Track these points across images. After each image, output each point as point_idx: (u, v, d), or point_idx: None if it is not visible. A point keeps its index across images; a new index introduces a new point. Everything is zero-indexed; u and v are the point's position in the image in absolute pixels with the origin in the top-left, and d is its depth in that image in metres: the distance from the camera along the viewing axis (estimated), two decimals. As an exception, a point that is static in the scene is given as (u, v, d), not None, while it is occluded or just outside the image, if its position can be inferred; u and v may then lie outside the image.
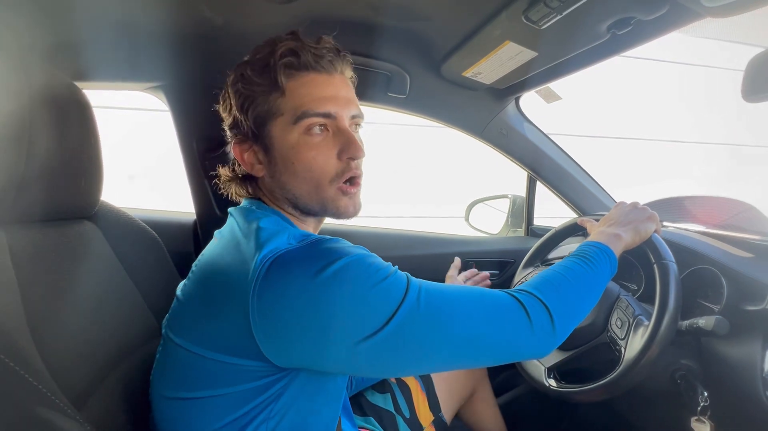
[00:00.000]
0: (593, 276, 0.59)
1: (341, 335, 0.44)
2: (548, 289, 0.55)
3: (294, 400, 0.50)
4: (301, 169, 0.53)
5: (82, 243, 0.61)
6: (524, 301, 0.52)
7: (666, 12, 0.63)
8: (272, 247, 0.46)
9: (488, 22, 0.74)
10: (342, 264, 0.44)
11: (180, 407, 0.50)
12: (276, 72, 0.51)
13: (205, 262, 0.53)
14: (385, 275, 0.47)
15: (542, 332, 0.51)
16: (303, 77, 0.53)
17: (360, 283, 0.45)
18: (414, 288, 0.48)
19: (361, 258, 0.47)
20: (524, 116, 1.16)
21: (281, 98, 0.53)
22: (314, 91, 0.53)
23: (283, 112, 0.53)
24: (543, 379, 0.79)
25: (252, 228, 0.50)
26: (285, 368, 0.47)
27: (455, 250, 1.26)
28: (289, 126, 0.53)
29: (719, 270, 0.77)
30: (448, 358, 0.49)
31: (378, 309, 0.45)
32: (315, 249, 0.47)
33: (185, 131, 0.98)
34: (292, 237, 0.49)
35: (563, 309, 0.54)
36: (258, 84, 0.53)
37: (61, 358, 0.50)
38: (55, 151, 0.54)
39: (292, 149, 0.53)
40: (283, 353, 0.45)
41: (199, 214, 1.07)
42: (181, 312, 0.53)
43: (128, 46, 0.82)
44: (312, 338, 0.44)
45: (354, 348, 0.44)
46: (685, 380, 0.73)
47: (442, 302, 0.48)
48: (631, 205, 0.76)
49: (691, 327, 0.69)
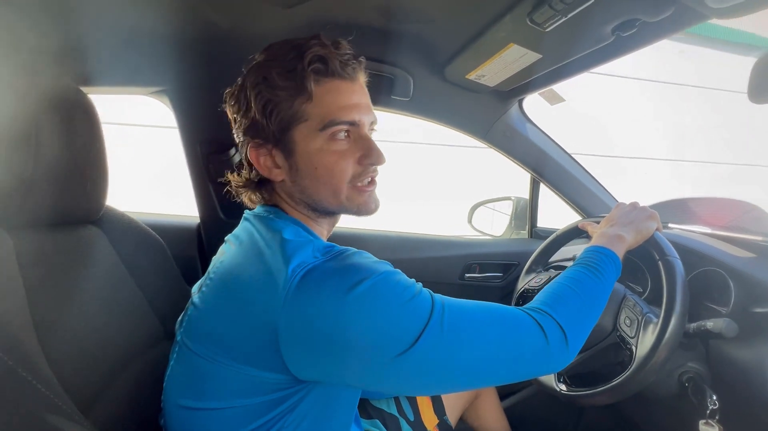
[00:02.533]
0: (600, 285, 0.60)
1: (370, 353, 0.44)
2: (560, 306, 0.55)
3: (309, 411, 0.50)
4: (322, 174, 0.54)
5: (87, 248, 0.61)
6: (540, 320, 0.52)
7: (671, 14, 0.62)
8: (300, 261, 0.46)
9: (492, 25, 0.74)
10: (372, 282, 0.45)
11: (195, 417, 0.50)
12: (305, 78, 0.51)
13: (225, 270, 0.52)
14: (413, 294, 0.47)
15: (557, 350, 0.52)
16: (329, 83, 0.53)
17: (390, 301, 0.45)
18: (438, 307, 0.48)
19: (390, 275, 0.47)
20: (527, 118, 1.16)
21: (307, 104, 0.52)
22: (340, 99, 0.53)
23: (309, 117, 0.53)
24: (553, 384, 0.79)
25: (276, 239, 0.50)
26: (304, 381, 0.47)
27: (459, 253, 1.26)
28: (315, 132, 0.53)
29: (726, 272, 0.76)
30: (468, 377, 0.49)
31: (408, 328, 0.45)
32: (343, 264, 0.47)
33: (189, 135, 0.98)
34: (317, 250, 0.49)
35: (575, 324, 0.55)
36: (283, 88, 0.52)
37: (67, 363, 0.50)
38: (61, 156, 0.54)
39: (317, 154, 0.53)
40: (307, 367, 0.45)
41: (203, 218, 1.07)
42: (199, 320, 0.53)
43: (133, 51, 0.82)
44: (339, 353, 0.44)
45: (381, 366, 0.45)
46: (693, 383, 0.72)
47: (463, 322, 0.48)
48: (631, 205, 0.77)
49: (699, 329, 0.69)
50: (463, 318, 0.49)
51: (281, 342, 0.44)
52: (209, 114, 0.86)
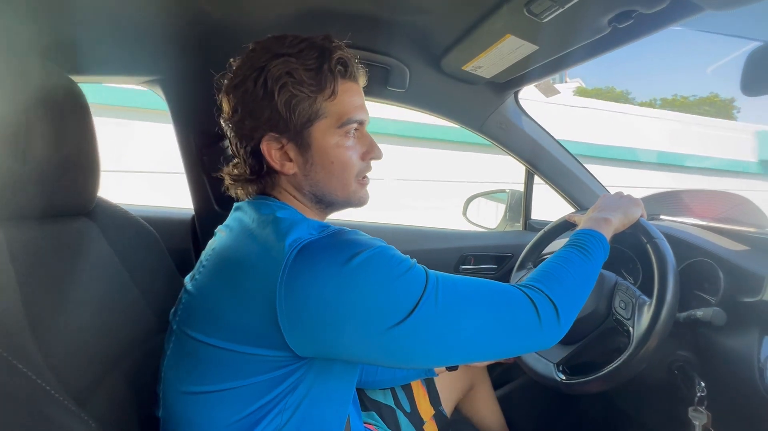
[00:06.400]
0: (590, 264, 0.63)
1: (367, 323, 0.45)
2: (552, 283, 0.57)
3: (308, 391, 0.51)
4: (337, 168, 0.58)
5: (79, 240, 0.60)
6: (532, 296, 0.54)
7: (667, 5, 0.62)
8: (296, 236, 0.48)
9: (489, 16, 0.74)
10: (368, 255, 0.47)
11: (197, 401, 0.50)
12: (331, 79, 0.55)
13: (218, 254, 0.53)
14: (408, 267, 0.49)
15: (549, 325, 0.54)
16: (345, 84, 0.57)
17: (386, 274, 0.47)
18: (432, 281, 0.49)
19: (385, 249, 0.49)
20: (523, 110, 1.16)
21: (328, 102, 0.55)
22: (354, 100, 0.58)
23: (328, 115, 0.56)
24: (553, 374, 0.79)
25: (268, 219, 0.52)
26: (303, 357, 0.48)
27: (454, 245, 1.26)
28: (333, 129, 0.56)
29: (716, 263, 0.78)
30: (460, 351, 0.50)
31: (403, 300, 0.47)
32: (339, 239, 0.49)
33: (183, 126, 0.97)
34: (312, 227, 0.50)
35: (566, 300, 0.56)
36: (309, 85, 0.54)
37: (62, 355, 0.49)
38: (52, 147, 0.53)
39: (333, 150, 0.57)
40: (306, 341, 0.46)
41: (197, 210, 1.06)
42: (194, 306, 0.53)
43: (126, 40, 0.80)
44: (337, 325, 0.45)
45: (377, 337, 0.46)
46: (682, 371, 0.74)
47: (457, 296, 0.50)
48: (617, 194, 0.81)
49: (688, 318, 0.70)
50: (458, 293, 0.50)
51: (280, 317, 0.45)
52: (203, 104, 0.85)
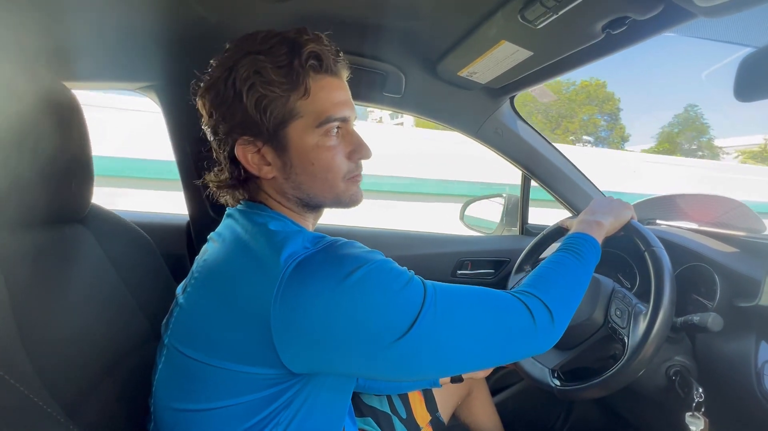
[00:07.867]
0: (582, 267, 0.63)
1: (367, 340, 0.45)
2: (545, 287, 0.57)
3: (303, 406, 0.50)
4: (319, 170, 0.54)
5: (73, 246, 0.60)
6: (527, 302, 0.54)
7: (660, 12, 0.63)
8: (291, 251, 0.46)
9: (484, 22, 0.74)
10: (366, 271, 0.45)
11: (188, 419, 0.49)
12: (303, 75, 0.51)
13: (209, 268, 0.51)
14: (406, 280, 0.48)
15: (544, 330, 0.54)
16: (321, 80, 0.53)
17: (385, 289, 0.46)
18: (430, 293, 0.49)
19: (382, 263, 0.48)
20: (519, 115, 1.16)
21: (302, 100, 0.51)
22: (333, 96, 0.53)
23: (303, 114, 0.52)
24: (548, 380, 0.79)
25: (261, 231, 0.50)
26: (298, 374, 0.47)
27: (451, 249, 1.26)
28: (311, 129, 0.52)
29: (712, 267, 0.78)
30: (461, 361, 0.50)
31: (403, 314, 0.46)
32: (336, 254, 0.47)
33: (178, 131, 0.97)
34: (307, 240, 0.49)
35: (560, 304, 0.56)
36: (279, 84, 0.50)
37: (53, 363, 0.48)
38: (46, 154, 0.53)
39: (313, 151, 0.53)
40: (302, 359, 0.45)
41: (192, 216, 1.05)
42: (185, 321, 0.51)
43: (121, 46, 0.80)
44: (337, 343, 0.44)
45: (378, 353, 0.45)
46: (679, 376, 0.74)
47: (456, 306, 0.49)
48: (608, 198, 0.82)
49: (685, 323, 0.70)
50: (455, 302, 0.50)
51: (275, 335, 0.43)
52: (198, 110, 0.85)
